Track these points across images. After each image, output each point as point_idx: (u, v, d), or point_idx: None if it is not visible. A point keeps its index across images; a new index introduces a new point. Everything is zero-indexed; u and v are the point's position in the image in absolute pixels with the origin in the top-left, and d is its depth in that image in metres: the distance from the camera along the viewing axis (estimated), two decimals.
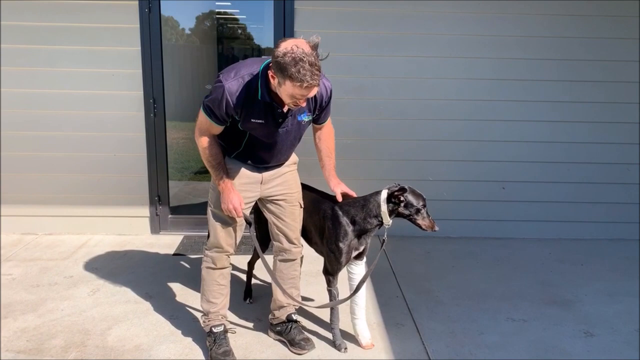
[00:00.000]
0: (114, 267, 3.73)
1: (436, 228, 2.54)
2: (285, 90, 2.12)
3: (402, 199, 2.52)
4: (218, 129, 2.41)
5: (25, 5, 3.94)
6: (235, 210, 2.46)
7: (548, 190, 4.46)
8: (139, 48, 4.06)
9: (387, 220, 2.57)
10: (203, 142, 2.41)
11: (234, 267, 3.46)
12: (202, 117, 2.37)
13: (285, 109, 2.34)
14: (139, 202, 4.35)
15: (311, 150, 2.86)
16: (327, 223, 2.64)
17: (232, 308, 3.13)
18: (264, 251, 3.14)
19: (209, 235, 2.67)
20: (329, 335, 2.81)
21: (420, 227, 2.57)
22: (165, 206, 4.38)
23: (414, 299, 3.33)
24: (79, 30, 4.00)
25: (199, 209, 4.41)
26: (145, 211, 4.38)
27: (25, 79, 4.08)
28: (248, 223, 2.59)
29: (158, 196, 4.35)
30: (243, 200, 2.52)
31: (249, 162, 2.56)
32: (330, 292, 2.74)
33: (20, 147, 4.20)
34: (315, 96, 2.44)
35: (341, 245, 2.58)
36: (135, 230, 4.40)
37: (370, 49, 4.16)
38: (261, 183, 2.61)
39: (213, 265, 2.64)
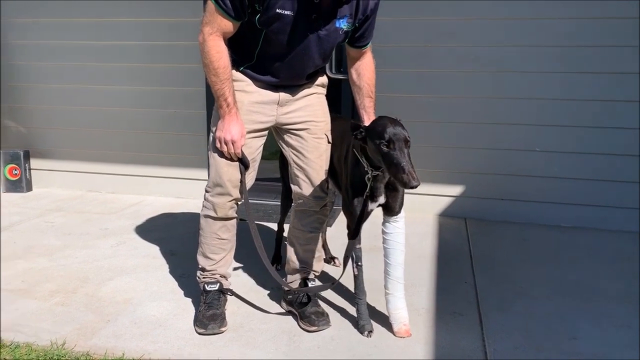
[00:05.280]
0: (153, 224, 3.42)
1: (413, 183, 1.64)
2: None
3: (361, 127, 1.80)
4: (232, 25, 1.83)
5: None
6: (234, 143, 1.93)
7: None
8: None
9: (364, 164, 1.85)
10: (212, 46, 1.82)
11: (267, 230, 2.91)
12: (211, 7, 1.80)
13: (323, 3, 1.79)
14: (198, 164, 4.02)
15: None
16: (345, 157, 1.99)
17: (253, 271, 2.62)
18: (287, 210, 2.57)
19: (209, 174, 2.13)
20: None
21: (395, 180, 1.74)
22: None
23: (486, 287, 2.49)
24: None
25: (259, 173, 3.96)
26: (204, 174, 4.03)
27: (86, 31, 3.99)
28: (244, 165, 2.02)
29: None
30: (246, 134, 1.98)
31: (263, 77, 1.99)
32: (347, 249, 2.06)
33: (83, 101, 4.13)
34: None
35: (349, 188, 1.92)
36: (192, 194, 4.07)
37: None
38: (278, 104, 2.03)
39: (213, 214, 2.10)
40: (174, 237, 3.16)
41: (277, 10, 1.78)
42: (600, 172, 3.38)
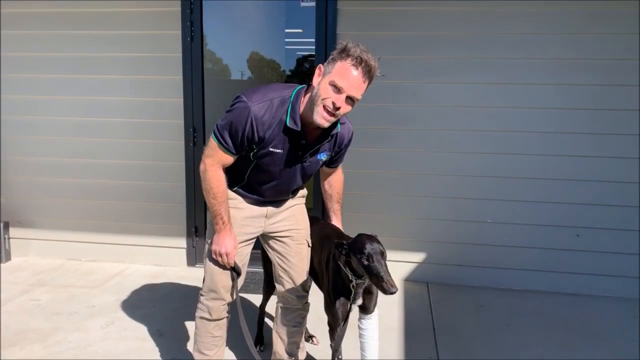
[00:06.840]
0: (138, 299, 3.60)
1: (392, 289, 1.93)
2: (329, 78, 1.93)
3: (344, 244, 2.11)
4: (231, 159, 2.14)
5: (74, 36, 4.08)
6: (227, 255, 2.21)
7: (635, 240, 3.72)
8: (181, 77, 4.03)
9: (348, 275, 2.15)
10: (212, 175, 2.12)
11: (248, 304, 3.18)
12: (214, 144, 2.10)
13: (310, 141, 2.13)
14: (177, 233, 4.25)
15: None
16: (326, 264, 2.30)
17: (239, 353, 2.85)
18: (269, 295, 2.84)
19: (204, 279, 2.39)
20: None
21: (377, 287, 2.04)
22: (202, 238, 4.23)
23: None
24: (124, 59, 4.06)
25: None
26: (182, 242, 4.26)
27: (74, 108, 4.19)
28: (237, 273, 2.30)
29: (195, 227, 4.22)
30: (238, 245, 2.26)
31: (253, 196, 2.30)
32: (332, 348, 2.35)
33: (63, 173, 4.30)
34: (337, 137, 2.23)
35: (332, 292, 2.22)
36: (171, 262, 4.29)
37: (419, 74, 3.78)
38: (265, 217, 2.33)
39: (208, 316, 2.34)
40: (159, 313, 3.36)
41: (270, 149, 2.09)
42: (544, 240, 3.81)
